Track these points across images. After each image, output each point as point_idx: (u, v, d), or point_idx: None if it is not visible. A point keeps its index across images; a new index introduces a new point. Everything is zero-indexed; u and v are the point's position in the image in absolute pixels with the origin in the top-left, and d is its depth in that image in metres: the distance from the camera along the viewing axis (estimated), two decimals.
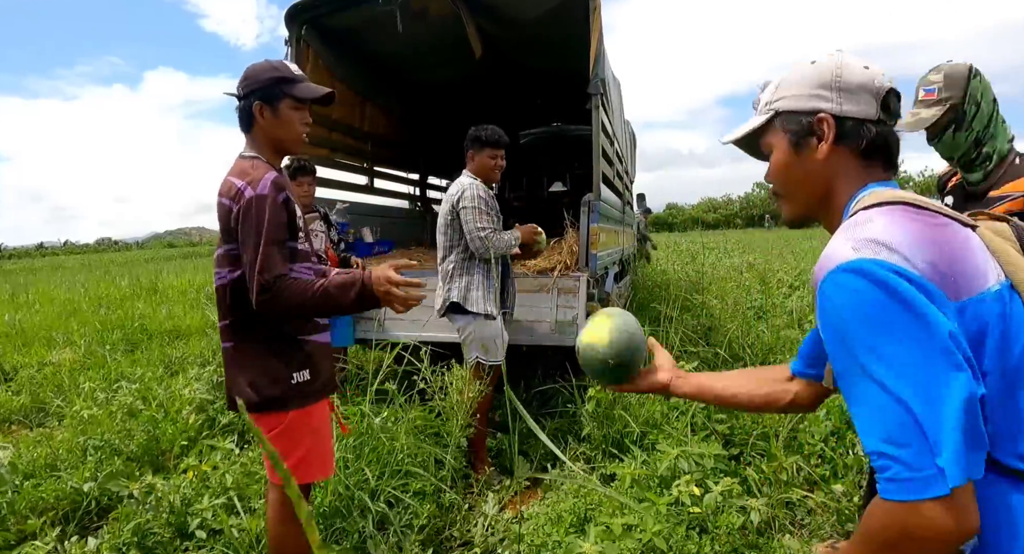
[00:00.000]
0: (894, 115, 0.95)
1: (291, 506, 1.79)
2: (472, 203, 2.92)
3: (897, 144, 0.97)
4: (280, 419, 1.71)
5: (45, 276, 17.26)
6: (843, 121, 0.94)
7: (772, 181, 1.05)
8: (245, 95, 1.74)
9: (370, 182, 5.91)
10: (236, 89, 1.76)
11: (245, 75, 1.75)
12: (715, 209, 67.89)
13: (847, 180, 0.96)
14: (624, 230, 6.07)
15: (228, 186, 1.67)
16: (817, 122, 0.95)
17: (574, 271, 3.51)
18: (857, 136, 0.94)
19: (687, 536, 2.15)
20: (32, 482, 2.76)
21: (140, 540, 2.28)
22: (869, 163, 0.95)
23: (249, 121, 1.76)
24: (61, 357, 5.49)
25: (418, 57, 5.11)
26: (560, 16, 4.13)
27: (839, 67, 0.95)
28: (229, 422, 3.46)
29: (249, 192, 1.62)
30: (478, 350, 2.95)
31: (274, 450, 0.40)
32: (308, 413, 1.75)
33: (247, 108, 1.74)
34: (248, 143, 1.79)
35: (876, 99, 0.93)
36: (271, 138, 1.77)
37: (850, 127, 0.94)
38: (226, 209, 1.66)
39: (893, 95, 0.94)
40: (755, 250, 13.98)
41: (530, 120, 7.35)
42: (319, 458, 1.80)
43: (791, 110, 0.98)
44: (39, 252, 52.57)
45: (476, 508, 2.71)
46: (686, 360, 3.47)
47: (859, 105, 0.94)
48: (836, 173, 0.96)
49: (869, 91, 0.93)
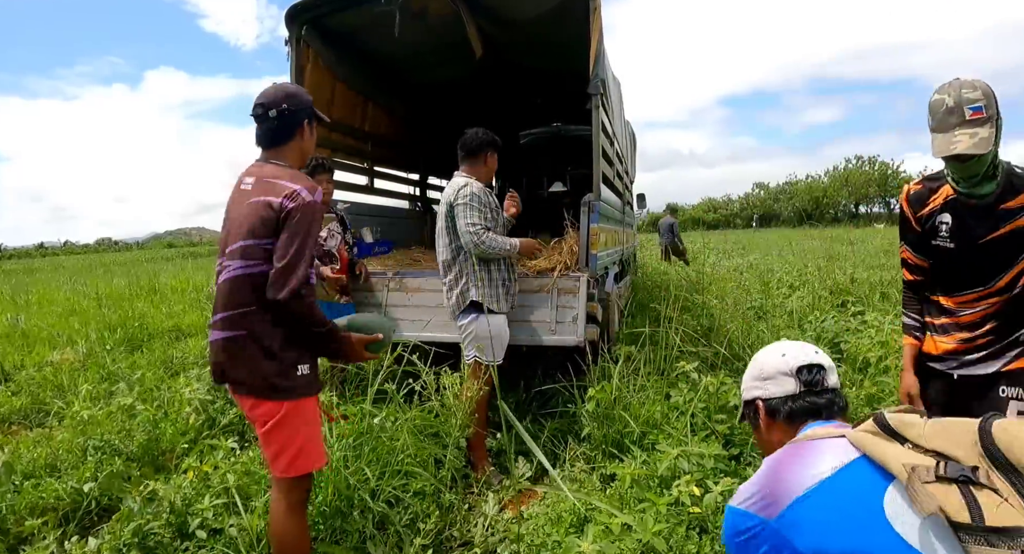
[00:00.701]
0: (813, 384, 1.29)
1: (295, 495, 1.87)
2: (465, 200, 2.94)
3: (826, 404, 1.29)
4: (279, 407, 1.81)
5: (45, 276, 17.26)
6: (770, 402, 1.32)
7: None
8: (294, 111, 1.89)
9: (370, 182, 5.91)
10: (276, 105, 1.88)
11: (290, 93, 1.91)
12: (715, 209, 67.90)
13: (784, 437, 1.27)
14: (624, 230, 6.07)
15: (278, 186, 1.79)
16: (755, 407, 1.36)
17: (574, 271, 3.51)
18: (780, 411, 1.31)
19: (687, 536, 2.15)
20: (32, 482, 2.76)
21: (141, 540, 2.28)
22: (800, 425, 1.27)
23: (291, 135, 1.92)
24: (61, 357, 5.49)
25: (418, 57, 5.11)
26: (560, 16, 4.14)
27: (761, 363, 1.36)
28: (229, 422, 3.46)
29: (307, 196, 1.77)
30: (476, 349, 2.95)
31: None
32: (304, 404, 1.86)
33: (297, 123, 1.91)
34: (276, 154, 1.92)
35: (792, 377, 1.30)
36: (304, 152, 1.97)
37: (775, 404, 1.31)
38: (277, 206, 1.76)
39: (804, 370, 1.30)
40: (755, 250, 13.98)
41: (530, 120, 7.36)
42: (316, 447, 1.90)
43: (745, 400, 1.40)
44: (39, 252, 52.54)
45: (476, 508, 2.71)
46: (686, 360, 3.47)
47: (779, 386, 1.31)
48: (775, 437, 1.31)
49: (785, 373, 1.31)
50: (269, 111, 1.87)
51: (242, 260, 1.80)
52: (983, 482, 0.92)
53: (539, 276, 3.52)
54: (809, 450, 1.13)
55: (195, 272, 14.03)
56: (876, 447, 1.04)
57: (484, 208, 2.97)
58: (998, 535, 0.86)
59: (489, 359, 2.96)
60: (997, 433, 0.95)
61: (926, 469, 0.95)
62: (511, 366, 3.45)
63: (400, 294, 3.78)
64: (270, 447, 1.84)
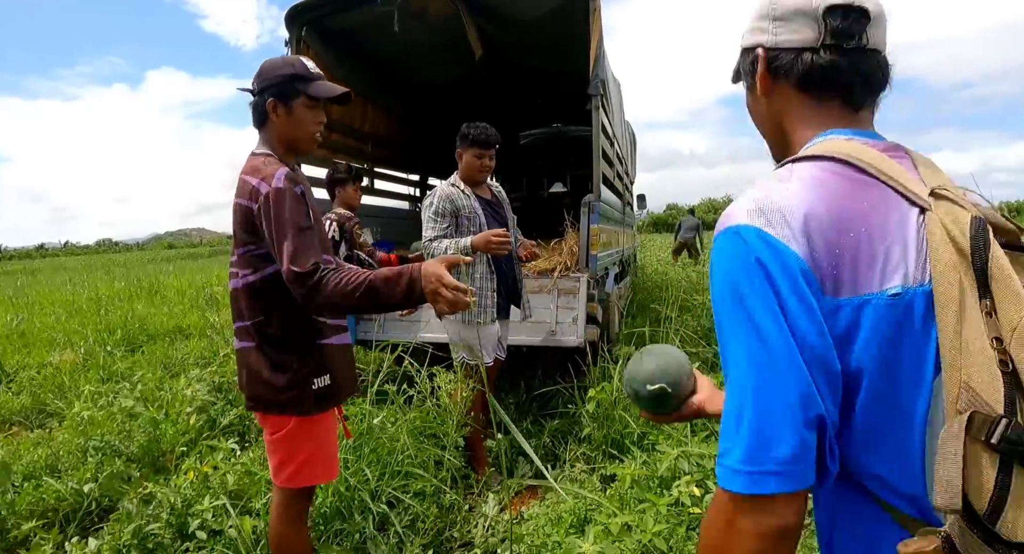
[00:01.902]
0: (847, 36, 0.78)
1: (293, 508, 1.79)
2: (424, 211, 2.88)
3: (861, 73, 0.80)
4: (287, 421, 1.70)
5: (45, 277, 17.27)
6: (777, 53, 0.83)
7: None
8: (260, 91, 1.69)
9: (370, 183, 5.92)
10: (251, 84, 1.72)
11: (261, 70, 1.71)
12: (715, 210, 67.90)
13: (799, 121, 0.84)
14: (624, 231, 6.07)
15: (243, 185, 1.63)
16: (754, 58, 0.86)
17: (574, 272, 3.51)
18: (791, 68, 0.81)
19: (687, 536, 2.15)
20: (32, 483, 2.76)
21: (140, 541, 2.28)
22: (821, 100, 0.82)
23: (262, 118, 1.72)
24: (61, 358, 5.49)
25: (418, 58, 5.12)
26: (560, 16, 4.14)
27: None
28: (230, 423, 3.46)
29: (265, 187, 1.58)
30: (463, 350, 2.91)
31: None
32: (315, 420, 1.74)
33: (261, 104, 1.69)
34: (260, 140, 1.75)
35: (816, 22, 0.79)
36: (284, 136, 1.72)
37: (785, 59, 0.82)
38: (244, 209, 1.62)
39: (837, 12, 0.78)
40: None
41: (530, 120, 7.36)
42: (323, 461, 1.79)
43: (744, 47, 0.89)
44: (39, 253, 52.52)
45: (476, 509, 2.71)
46: None
47: (795, 33, 0.81)
48: (783, 113, 0.86)
49: (806, 14, 0.80)
50: (250, 92, 1.73)
51: (235, 270, 1.71)
52: None
53: (539, 276, 3.53)
54: (873, 215, 0.69)
55: (196, 273, 14.04)
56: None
57: (437, 216, 2.84)
58: None
59: (476, 360, 2.91)
60: None
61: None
62: (511, 366, 3.45)
63: None
64: (274, 456, 1.76)
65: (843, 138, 0.78)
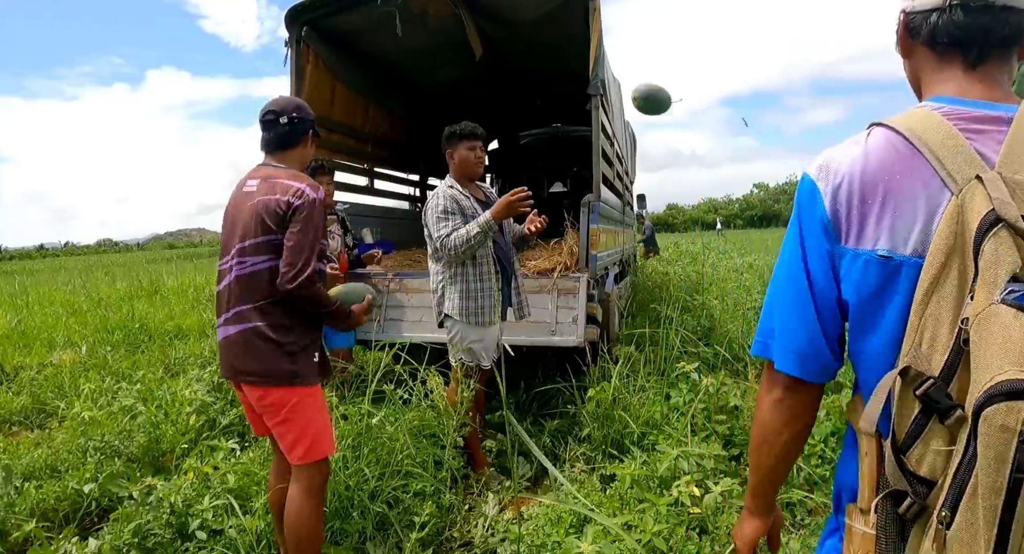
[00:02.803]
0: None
1: (316, 480, 1.97)
2: (431, 212, 2.84)
3: (981, 29, 0.83)
4: (293, 394, 1.91)
5: (46, 277, 17.27)
6: (913, 16, 0.88)
7: None
8: (302, 120, 2.04)
9: (370, 183, 5.92)
10: (287, 112, 2.01)
11: (298, 105, 2.06)
12: (715, 209, 68.06)
13: (928, 81, 0.90)
14: (624, 231, 6.07)
15: (283, 186, 1.91)
16: (899, 23, 0.92)
17: (574, 272, 3.51)
18: (921, 29, 0.87)
19: (687, 536, 2.15)
20: (33, 483, 2.76)
21: (140, 541, 2.28)
22: (943, 58, 0.87)
23: (297, 141, 2.06)
24: (62, 358, 5.49)
25: (418, 58, 5.12)
26: (560, 17, 4.14)
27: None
28: (230, 423, 3.46)
29: (312, 194, 1.90)
30: (462, 352, 2.89)
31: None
32: (316, 390, 1.98)
33: (303, 131, 2.05)
34: (280, 158, 2.04)
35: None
36: (304, 160, 2.12)
37: (918, 21, 0.87)
38: (285, 203, 1.88)
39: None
40: (755, 250, 13.98)
41: (530, 121, 7.37)
42: (329, 433, 2.02)
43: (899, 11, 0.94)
44: (40, 253, 52.58)
45: (476, 509, 2.71)
46: (686, 360, 3.47)
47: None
48: (920, 72, 0.92)
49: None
50: (280, 118, 2.01)
51: (252, 257, 1.91)
52: None
53: (539, 276, 3.53)
54: (900, 185, 0.80)
55: (196, 273, 14.04)
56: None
57: (447, 214, 2.82)
58: None
59: (474, 362, 2.91)
60: None
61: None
62: (511, 366, 3.45)
63: (400, 294, 3.79)
64: (287, 436, 1.93)
65: (930, 107, 0.84)
